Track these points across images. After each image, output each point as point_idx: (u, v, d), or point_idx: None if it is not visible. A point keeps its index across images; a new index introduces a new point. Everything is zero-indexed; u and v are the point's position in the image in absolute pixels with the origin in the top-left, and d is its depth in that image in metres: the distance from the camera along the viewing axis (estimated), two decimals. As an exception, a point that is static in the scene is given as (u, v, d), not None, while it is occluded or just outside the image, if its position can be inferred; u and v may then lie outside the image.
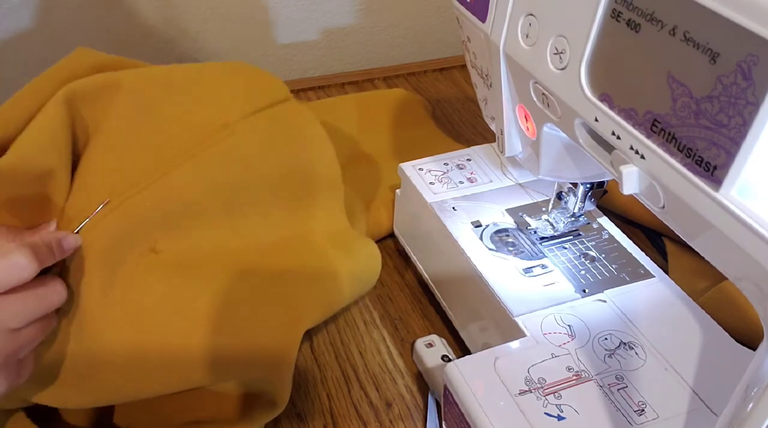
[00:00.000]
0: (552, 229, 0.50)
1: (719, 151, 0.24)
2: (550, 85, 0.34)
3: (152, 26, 0.78)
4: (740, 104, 0.23)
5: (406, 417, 0.47)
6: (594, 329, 0.43)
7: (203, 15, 0.80)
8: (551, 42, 0.33)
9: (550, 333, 0.42)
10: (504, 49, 0.38)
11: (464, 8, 0.42)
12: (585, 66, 0.31)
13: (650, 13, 0.26)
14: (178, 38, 0.80)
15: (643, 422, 0.38)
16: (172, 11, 0.78)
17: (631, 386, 0.40)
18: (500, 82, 0.40)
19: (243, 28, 0.83)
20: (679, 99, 0.26)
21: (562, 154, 0.41)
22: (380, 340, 0.52)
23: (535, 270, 0.47)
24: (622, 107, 0.29)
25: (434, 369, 0.47)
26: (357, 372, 0.50)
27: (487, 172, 0.56)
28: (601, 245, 0.49)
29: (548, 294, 0.45)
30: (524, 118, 0.41)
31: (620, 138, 0.29)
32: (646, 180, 0.29)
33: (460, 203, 0.53)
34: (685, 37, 0.25)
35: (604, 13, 0.29)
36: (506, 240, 0.49)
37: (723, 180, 0.24)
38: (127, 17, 0.76)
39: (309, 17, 0.85)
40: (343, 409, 0.47)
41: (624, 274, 0.47)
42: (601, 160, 0.32)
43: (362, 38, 0.90)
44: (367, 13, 0.88)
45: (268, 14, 0.83)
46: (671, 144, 0.27)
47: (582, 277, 0.47)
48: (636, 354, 0.41)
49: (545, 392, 0.39)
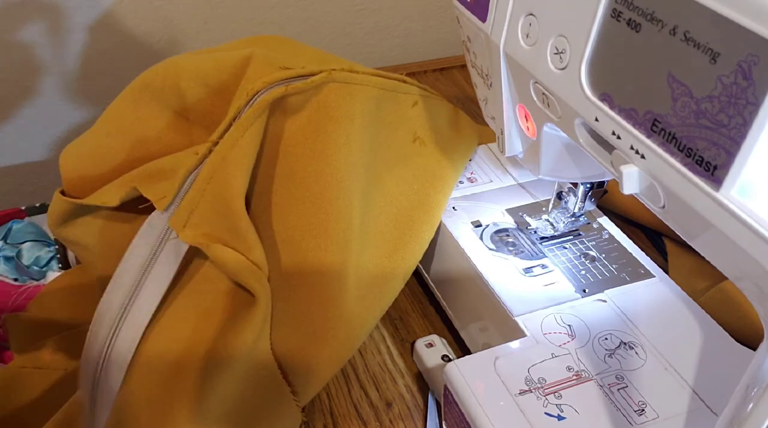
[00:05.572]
0: (552, 229, 0.50)
1: (719, 150, 0.24)
2: (551, 85, 0.34)
3: (152, 26, 0.78)
4: (740, 104, 0.23)
5: (406, 417, 0.47)
6: (594, 329, 0.43)
7: (203, 15, 0.80)
8: (551, 42, 0.33)
9: (551, 333, 0.42)
10: (504, 49, 0.38)
11: (464, 8, 0.42)
12: (585, 66, 0.31)
13: (650, 13, 0.26)
14: (178, 38, 0.80)
15: (643, 422, 0.38)
16: (172, 11, 0.78)
17: (631, 386, 0.40)
18: (500, 81, 0.40)
19: (243, 28, 0.83)
20: (680, 99, 0.26)
21: (562, 154, 0.41)
22: (380, 340, 0.52)
23: (536, 270, 0.47)
24: (623, 107, 0.29)
25: (434, 369, 0.47)
26: (357, 371, 0.50)
27: (487, 171, 0.56)
28: (601, 245, 0.49)
29: (548, 294, 0.45)
30: (524, 118, 0.41)
31: (620, 138, 0.29)
32: (647, 180, 0.29)
33: (460, 203, 0.53)
34: (685, 36, 0.25)
35: (605, 13, 0.29)
36: (506, 240, 0.49)
37: (723, 180, 0.24)
38: (128, 17, 0.76)
39: (309, 17, 0.85)
40: (343, 409, 0.47)
41: (624, 274, 0.47)
42: (602, 159, 0.32)
43: (362, 38, 0.90)
44: (367, 13, 0.88)
45: (268, 14, 0.83)
46: (671, 144, 0.27)
47: (582, 277, 0.47)
48: (636, 354, 0.41)
49: (545, 392, 0.39)
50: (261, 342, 0.42)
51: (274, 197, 0.44)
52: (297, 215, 0.44)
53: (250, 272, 0.41)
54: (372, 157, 0.48)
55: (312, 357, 0.43)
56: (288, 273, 0.44)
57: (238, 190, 0.41)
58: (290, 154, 0.44)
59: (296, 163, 0.44)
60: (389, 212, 0.49)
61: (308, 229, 0.44)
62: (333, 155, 0.44)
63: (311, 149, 0.44)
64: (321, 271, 0.43)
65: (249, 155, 0.42)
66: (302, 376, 0.43)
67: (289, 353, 0.43)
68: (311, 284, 0.43)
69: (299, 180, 0.44)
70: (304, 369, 0.43)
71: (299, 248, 0.44)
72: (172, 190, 0.41)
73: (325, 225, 0.44)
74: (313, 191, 0.44)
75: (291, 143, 0.44)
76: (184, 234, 0.41)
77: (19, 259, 0.57)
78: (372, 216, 0.48)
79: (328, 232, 0.44)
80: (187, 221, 0.41)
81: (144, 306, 0.41)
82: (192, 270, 0.43)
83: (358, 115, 0.45)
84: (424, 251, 0.49)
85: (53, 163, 0.80)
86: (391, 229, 0.48)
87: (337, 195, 0.44)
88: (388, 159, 0.49)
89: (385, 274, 0.47)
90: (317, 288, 0.43)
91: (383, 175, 0.49)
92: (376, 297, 0.46)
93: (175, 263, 0.41)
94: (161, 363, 0.40)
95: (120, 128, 0.46)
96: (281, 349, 0.43)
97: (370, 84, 0.47)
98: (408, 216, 0.49)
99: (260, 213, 0.44)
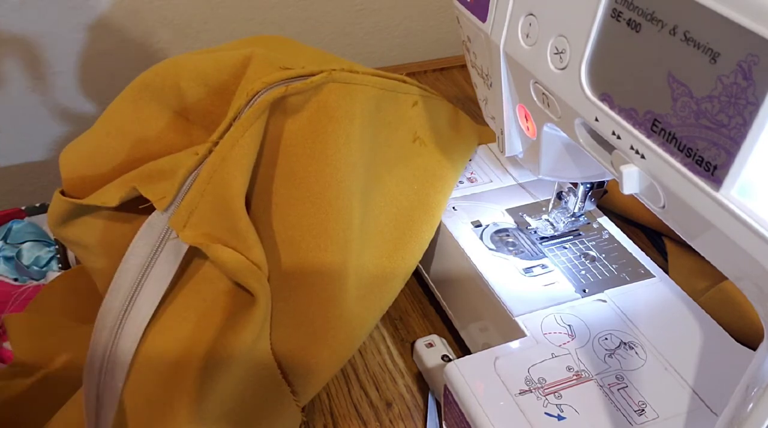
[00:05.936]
0: (552, 229, 0.50)
1: (719, 150, 0.24)
2: (551, 85, 0.34)
3: (152, 26, 0.78)
4: (740, 104, 0.23)
5: (406, 417, 0.47)
6: (594, 329, 0.43)
7: (203, 15, 0.80)
8: (551, 42, 0.33)
9: (550, 333, 0.42)
10: (504, 49, 0.38)
11: (464, 8, 0.42)
12: (585, 66, 0.31)
13: (650, 13, 0.26)
14: (178, 38, 0.80)
15: (643, 422, 0.38)
16: (172, 11, 0.78)
17: (631, 386, 0.39)
18: (500, 81, 0.40)
19: (243, 28, 0.83)
20: (680, 99, 0.26)
21: (562, 154, 0.41)
22: (380, 340, 0.52)
23: (535, 270, 0.47)
24: (623, 107, 0.29)
25: (434, 369, 0.47)
26: (357, 371, 0.50)
27: (487, 171, 0.56)
28: (601, 245, 0.49)
29: (548, 294, 0.45)
30: (524, 118, 0.41)
31: (620, 138, 0.29)
32: (647, 180, 0.29)
33: (460, 203, 0.53)
34: (685, 36, 0.25)
35: (605, 13, 0.29)
36: (506, 240, 0.49)
37: (723, 180, 0.24)
38: (128, 17, 0.76)
39: (309, 17, 0.85)
40: (343, 409, 0.47)
41: (624, 274, 0.47)
42: (602, 159, 0.32)
43: (362, 38, 0.90)
44: (367, 13, 0.88)
45: (268, 14, 0.83)
46: (671, 144, 0.27)
47: (582, 277, 0.47)
48: (636, 354, 0.41)
49: (545, 392, 0.39)
50: (261, 342, 0.42)
51: (274, 197, 0.44)
52: (297, 215, 0.44)
53: (249, 272, 0.41)
54: (372, 157, 0.48)
55: (312, 357, 0.43)
56: (288, 273, 0.44)
57: (238, 190, 0.41)
58: (290, 154, 0.44)
59: (296, 163, 0.44)
60: (389, 212, 0.49)
61: (308, 229, 0.44)
62: (333, 155, 0.44)
63: (311, 149, 0.44)
64: (321, 271, 0.43)
65: (249, 155, 0.42)
66: (302, 376, 0.43)
67: (289, 353, 0.43)
68: (311, 284, 0.43)
69: (299, 180, 0.44)
70: (304, 369, 0.43)
71: (299, 248, 0.44)
72: (171, 190, 0.41)
73: (325, 225, 0.44)
74: (313, 191, 0.44)
75: (291, 143, 0.44)
76: (184, 234, 0.41)
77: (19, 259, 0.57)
78: (372, 216, 0.48)
79: (328, 232, 0.44)
80: (187, 221, 0.41)
81: (144, 305, 0.41)
82: (192, 270, 0.43)
83: (358, 115, 0.45)
84: (424, 251, 0.49)
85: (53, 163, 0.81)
86: (391, 229, 0.48)
87: (337, 195, 0.44)
88: (388, 159, 0.49)
89: (385, 274, 0.47)
90: (317, 288, 0.43)
91: (383, 175, 0.49)
92: (376, 297, 0.46)
93: (175, 263, 0.42)
94: (161, 362, 0.40)
95: (120, 128, 0.46)
96: (281, 349, 0.43)
97: (370, 84, 0.47)
98: (408, 217, 0.49)
99: (260, 213, 0.44)
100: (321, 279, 0.43)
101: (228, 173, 0.41)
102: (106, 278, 0.42)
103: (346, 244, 0.44)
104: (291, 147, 0.44)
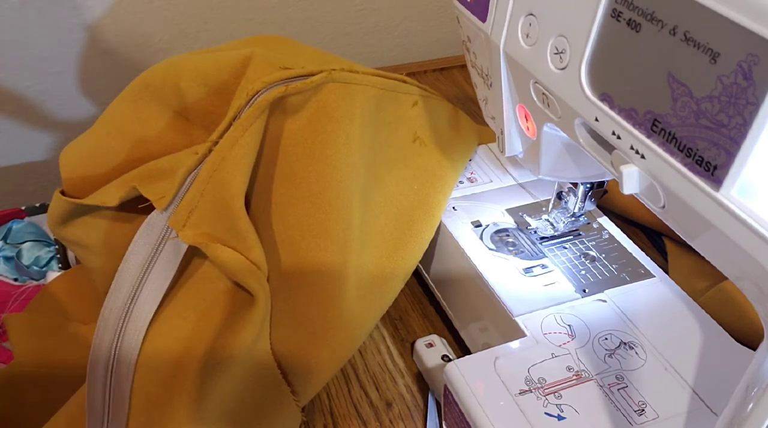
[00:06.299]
0: (552, 229, 0.50)
1: (719, 150, 0.24)
2: (551, 85, 0.34)
3: (152, 26, 0.78)
4: (740, 104, 0.23)
5: (406, 417, 0.47)
6: (594, 329, 0.43)
7: (203, 15, 0.80)
8: (551, 42, 0.33)
9: (550, 333, 0.42)
10: (504, 49, 0.38)
11: (464, 8, 0.42)
12: (585, 66, 0.31)
13: (650, 13, 0.26)
14: (178, 38, 0.80)
15: (643, 422, 0.38)
16: (172, 11, 0.78)
17: (631, 386, 0.39)
18: (500, 81, 0.40)
19: (243, 28, 0.83)
20: (680, 99, 0.26)
21: (562, 154, 0.41)
22: (380, 340, 0.52)
23: (535, 270, 0.47)
24: (623, 107, 0.29)
25: (434, 369, 0.47)
26: (357, 371, 0.50)
27: (487, 171, 0.56)
28: (601, 245, 0.49)
29: (548, 294, 0.45)
30: (524, 118, 0.41)
31: (620, 138, 0.29)
32: (647, 180, 0.29)
33: (460, 203, 0.53)
34: (685, 36, 0.25)
35: (605, 13, 0.29)
36: (506, 240, 0.49)
37: (723, 180, 0.24)
38: (128, 17, 0.76)
39: (309, 17, 0.85)
40: (343, 409, 0.47)
41: (624, 274, 0.47)
42: (602, 159, 0.32)
43: (362, 38, 0.90)
44: (367, 13, 0.88)
45: (268, 14, 0.83)
46: (671, 144, 0.27)
47: (582, 277, 0.47)
48: (636, 354, 0.41)
49: (545, 392, 0.39)
50: (260, 342, 0.42)
51: (274, 197, 0.44)
52: (297, 215, 0.44)
53: (249, 272, 0.41)
54: (372, 157, 0.48)
55: (312, 357, 0.43)
56: (288, 273, 0.44)
57: (238, 189, 0.41)
58: (290, 154, 0.44)
59: (296, 162, 0.44)
60: (389, 212, 0.49)
61: (308, 229, 0.44)
62: (333, 155, 0.44)
63: (311, 149, 0.44)
64: (321, 271, 0.43)
65: (249, 155, 0.42)
66: (302, 376, 0.43)
67: (289, 353, 0.43)
68: (311, 284, 0.43)
69: (299, 180, 0.44)
70: (303, 369, 0.43)
71: (299, 248, 0.44)
72: (171, 190, 0.41)
73: (325, 225, 0.44)
74: (313, 191, 0.44)
75: (291, 143, 0.44)
76: (184, 233, 0.41)
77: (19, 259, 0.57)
78: (372, 216, 0.48)
79: (328, 232, 0.44)
80: (187, 221, 0.41)
81: (146, 304, 0.41)
82: (191, 269, 0.43)
83: (358, 115, 0.45)
84: (424, 251, 0.49)
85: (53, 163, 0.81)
86: (391, 229, 0.48)
87: (337, 195, 0.44)
88: (388, 159, 0.49)
89: (385, 274, 0.47)
90: (317, 288, 0.43)
91: (383, 175, 0.49)
92: (376, 297, 0.46)
93: (175, 262, 0.42)
94: (161, 362, 0.40)
95: (120, 128, 0.46)
96: (281, 349, 0.43)
97: (370, 84, 0.47)
98: (408, 216, 0.49)
99: (260, 213, 0.44)
100: (321, 279, 0.43)
101: (228, 173, 0.41)
102: (106, 278, 0.42)
103: (346, 244, 0.44)
104: (291, 147, 0.44)
